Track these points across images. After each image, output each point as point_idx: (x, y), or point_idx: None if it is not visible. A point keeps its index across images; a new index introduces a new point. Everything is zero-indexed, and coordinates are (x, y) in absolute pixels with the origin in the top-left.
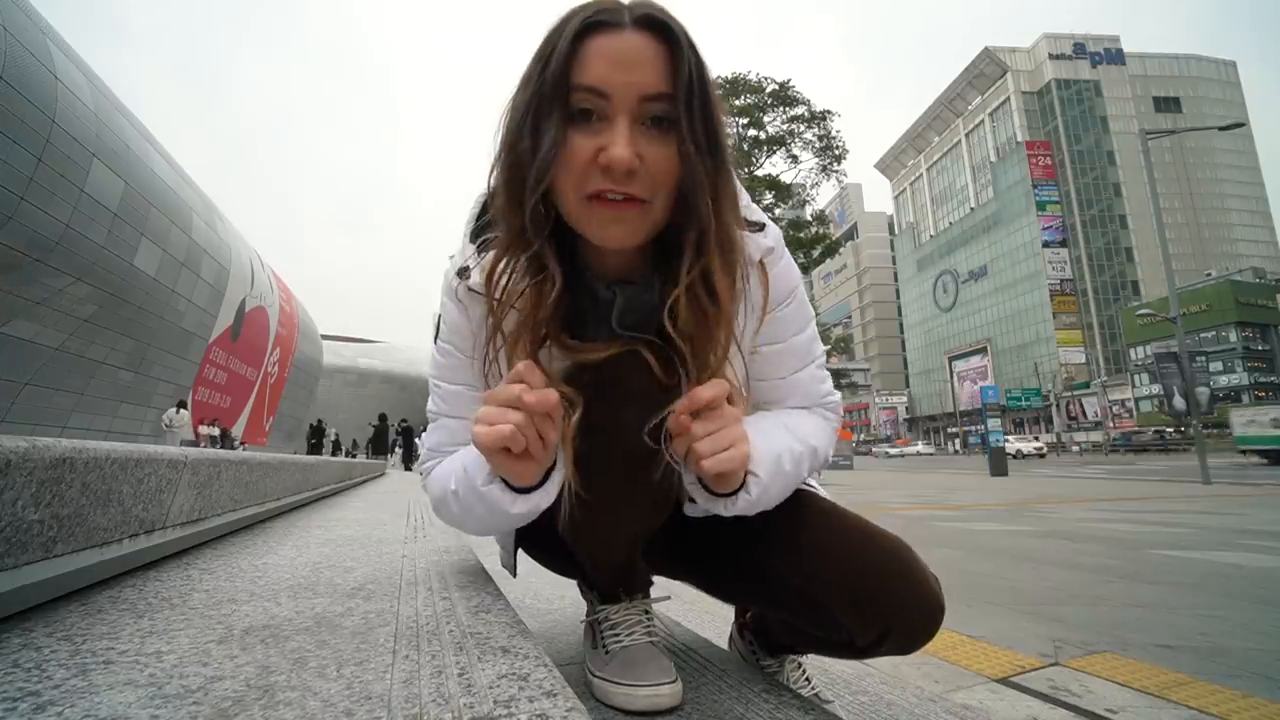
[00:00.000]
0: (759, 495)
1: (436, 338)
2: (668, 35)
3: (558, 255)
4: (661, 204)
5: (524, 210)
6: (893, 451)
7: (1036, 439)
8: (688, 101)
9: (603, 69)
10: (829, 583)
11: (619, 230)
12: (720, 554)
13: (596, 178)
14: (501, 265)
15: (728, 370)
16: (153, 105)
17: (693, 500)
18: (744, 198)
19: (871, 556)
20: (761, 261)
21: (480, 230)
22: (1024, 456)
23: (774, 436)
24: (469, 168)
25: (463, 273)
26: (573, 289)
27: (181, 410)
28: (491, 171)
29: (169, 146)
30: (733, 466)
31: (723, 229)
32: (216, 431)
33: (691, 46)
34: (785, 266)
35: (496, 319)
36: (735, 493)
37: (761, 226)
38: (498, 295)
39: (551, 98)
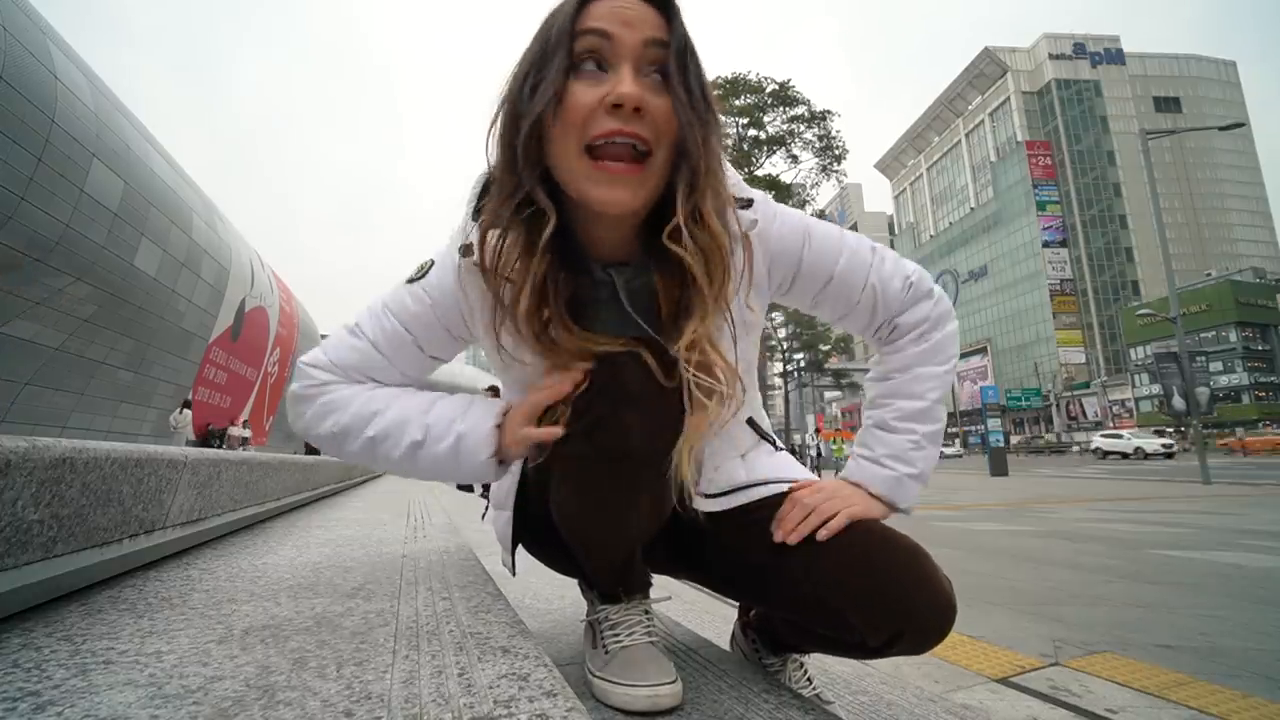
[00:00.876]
0: (913, 497)
1: (415, 280)
2: (663, 3)
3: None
4: (661, 158)
5: (516, 150)
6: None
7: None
8: (680, 55)
9: (606, 17)
10: (842, 585)
11: (622, 193)
12: (728, 555)
13: (602, 118)
14: (492, 229)
15: (723, 344)
16: (152, 105)
17: (702, 495)
18: (733, 176)
19: (885, 558)
20: (745, 235)
21: (482, 210)
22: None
23: (883, 455)
24: (469, 167)
25: (465, 250)
26: (572, 272)
27: (185, 410)
28: (489, 135)
29: (169, 146)
30: (847, 518)
31: (711, 170)
32: (249, 432)
33: (680, 15)
34: (780, 227)
35: (494, 284)
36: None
37: (749, 203)
38: (489, 263)
39: (555, 47)
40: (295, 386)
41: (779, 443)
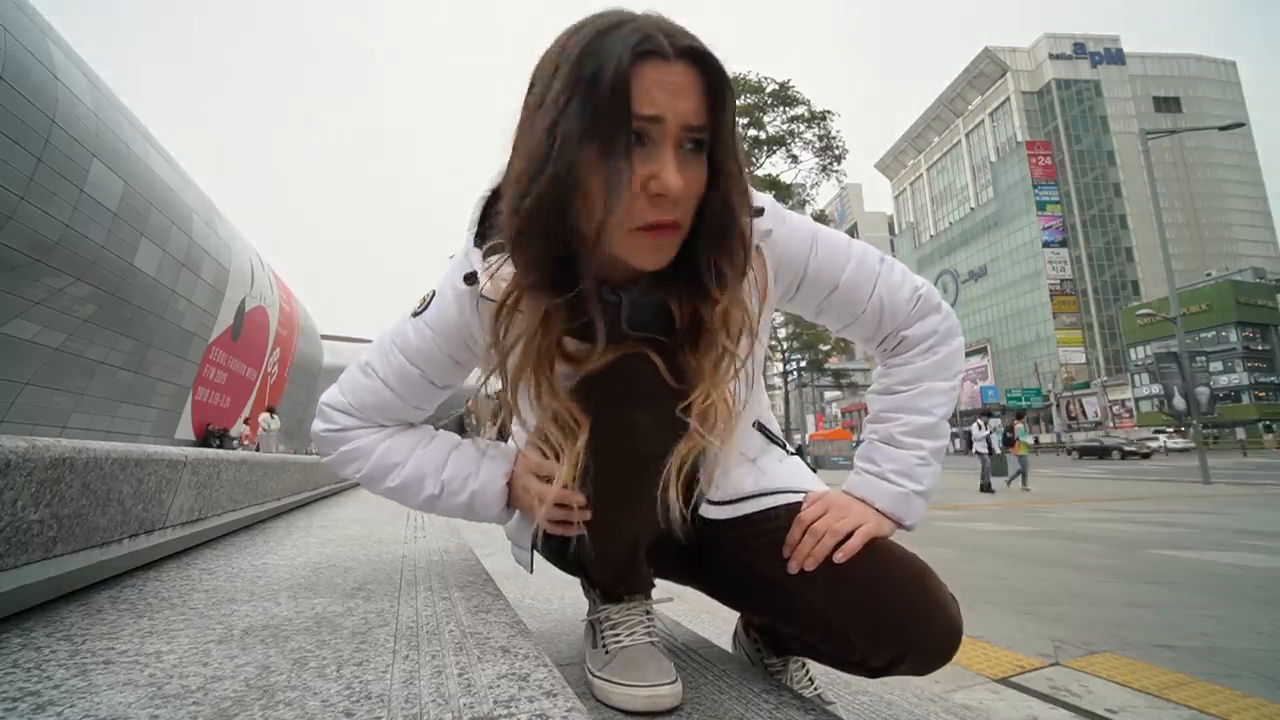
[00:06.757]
0: (920, 514)
1: (419, 314)
2: (709, 69)
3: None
4: (688, 221)
5: (572, 247)
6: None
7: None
8: (729, 135)
9: (658, 97)
10: (845, 605)
11: (661, 257)
12: (732, 565)
13: (644, 208)
14: (511, 301)
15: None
16: (152, 104)
17: (710, 503)
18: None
19: (890, 580)
20: (758, 246)
21: (484, 234)
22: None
23: (890, 471)
24: (470, 166)
25: (469, 278)
26: (580, 304)
27: (275, 416)
28: (514, 193)
29: (168, 146)
30: (863, 539)
31: (745, 247)
32: (276, 424)
33: (729, 90)
34: (788, 235)
35: (504, 350)
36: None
37: (760, 211)
38: (503, 330)
39: (613, 131)
40: (318, 427)
41: (789, 447)
